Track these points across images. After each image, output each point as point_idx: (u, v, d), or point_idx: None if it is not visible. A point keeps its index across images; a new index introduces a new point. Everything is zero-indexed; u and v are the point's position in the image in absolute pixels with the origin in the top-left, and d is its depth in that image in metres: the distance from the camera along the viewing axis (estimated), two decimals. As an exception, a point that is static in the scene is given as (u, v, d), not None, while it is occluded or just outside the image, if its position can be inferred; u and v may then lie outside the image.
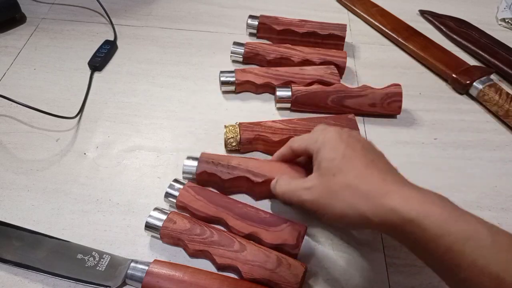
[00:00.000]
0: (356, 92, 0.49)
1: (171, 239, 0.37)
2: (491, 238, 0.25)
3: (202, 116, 0.50)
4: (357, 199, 0.30)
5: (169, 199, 0.39)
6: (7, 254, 0.36)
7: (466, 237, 0.25)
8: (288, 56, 0.54)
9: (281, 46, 0.55)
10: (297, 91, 0.49)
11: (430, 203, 0.27)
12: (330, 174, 0.32)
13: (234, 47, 0.55)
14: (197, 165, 0.41)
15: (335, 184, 0.31)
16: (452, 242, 0.25)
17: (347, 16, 0.66)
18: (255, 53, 0.54)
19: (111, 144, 0.46)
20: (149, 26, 0.61)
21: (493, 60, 0.57)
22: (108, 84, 0.53)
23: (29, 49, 0.57)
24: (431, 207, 0.27)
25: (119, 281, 0.34)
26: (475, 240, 0.25)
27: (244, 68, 0.53)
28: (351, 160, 0.32)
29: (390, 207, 0.28)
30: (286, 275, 0.34)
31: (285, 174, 0.38)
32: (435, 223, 0.26)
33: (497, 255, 0.25)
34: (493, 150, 0.48)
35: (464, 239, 0.25)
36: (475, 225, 0.26)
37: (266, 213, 0.38)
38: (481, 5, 0.70)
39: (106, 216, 0.40)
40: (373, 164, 0.32)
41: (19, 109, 0.48)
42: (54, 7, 0.64)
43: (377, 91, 0.49)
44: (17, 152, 0.45)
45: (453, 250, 0.25)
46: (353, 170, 0.31)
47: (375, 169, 0.31)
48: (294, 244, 0.36)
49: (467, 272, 0.25)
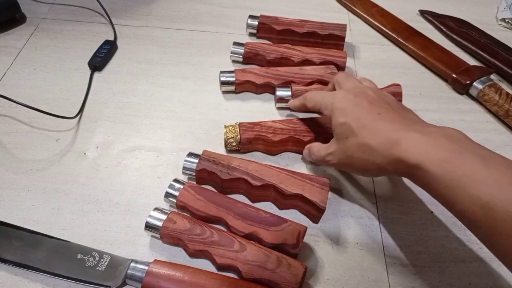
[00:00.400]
0: None
1: (171, 239, 0.37)
2: (486, 173, 0.27)
3: (202, 116, 0.50)
4: (371, 155, 0.33)
5: (169, 199, 0.40)
6: (7, 254, 0.36)
7: (460, 175, 0.28)
8: (288, 56, 0.54)
9: (281, 46, 0.55)
10: (297, 90, 0.49)
11: (432, 146, 0.30)
12: (344, 138, 0.36)
13: (234, 47, 0.55)
14: (197, 162, 0.41)
15: (350, 147, 0.35)
16: (450, 179, 0.28)
17: (347, 16, 0.66)
18: (255, 53, 0.54)
19: (111, 144, 0.46)
20: (149, 26, 0.61)
21: (493, 60, 0.57)
22: (108, 84, 0.53)
23: (29, 49, 0.57)
24: (432, 149, 0.30)
25: (119, 281, 0.34)
26: (469, 176, 0.28)
27: (244, 68, 0.53)
28: (359, 120, 0.35)
29: (398, 156, 0.31)
30: (286, 275, 0.34)
31: (312, 146, 0.42)
32: (435, 164, 0.29)
33: (488, 186, 0.27)
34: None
35: (459, 176, 0.28)
36: (471, 161, 0.28)
37: (266, 213, 0.38)
38: (481, 5, 0.70)
39: (106, 216, 0.40)
40: (380, 117, 0.34)
41: (19, 109, 0.48)
42: (54, 7, 0.64)
43: None
44: (17, 152, 0.45)
45: (450, 187, 0.28)
46: (362, 129, 0.34)
47: (382, 122, 0.34)
48: (294, 244, 0.36)
49: (462, 205, 0.28)
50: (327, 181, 0.39)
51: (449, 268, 0.38)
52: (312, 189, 0.39)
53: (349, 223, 0.41)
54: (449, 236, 0.40)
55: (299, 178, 0.40)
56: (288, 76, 0.51)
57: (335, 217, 0.41)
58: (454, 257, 0.39)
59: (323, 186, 0.39)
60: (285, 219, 0.38)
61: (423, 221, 0.41)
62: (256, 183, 0.39)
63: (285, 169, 0.41)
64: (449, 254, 0.39)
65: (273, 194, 0.41)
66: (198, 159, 0.41)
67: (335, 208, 0.42)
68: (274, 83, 0.51)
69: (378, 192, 0.44)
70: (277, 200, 0.41)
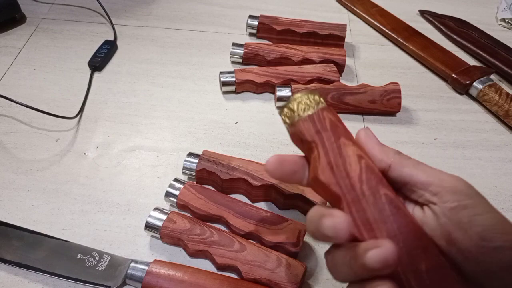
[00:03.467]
0: (355, 89, 0.49)
1: (171, 239, 0.37)
2: None
3: (202, 116, 0.50)
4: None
5: (170, 198, 0.40)
6: (7, 254, 0.36)
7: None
8: (288, 55, 0.54)
9: (281, 46, 0.55)
10: (296, 89, 0.49)
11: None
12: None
13: (233, 48, 0.55)
14: (197, 162, 0.41)
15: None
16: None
17: (347, 16, 0.66)
18: (255, 54, 0.54)
19: (111, 144, 0.46)
20: (149, 26, 0.61)
21: (493, 60, 0.57)
22: (108, 84, 0.53)
23: (29, 49, 0.57)
24: None
25: (119, 281, 0.34)
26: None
27: (243, 68, 0.53)
28: None
29: None
30: (286, 275, 0.34)
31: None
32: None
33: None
34: (493, 150, 0.48)
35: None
36: None
37: (266, 212, 0.38)
38: (481, 5, 0.70)
39: (106, 216, 0.40)
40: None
41: (19, 109, 0.48)
42: (54, 7, 0.64)
43: (376, 88, 0.49)
44: (17, 152, 0.45)
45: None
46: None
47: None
48: (295, 242, 0.36)
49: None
50: None
51: (449, 268, 0.38)
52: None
53: (349, 223, 0.41)
54: (449, 236, 0.40)
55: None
56: (288, 75, 0.51)
57: (335, 217, 0.41)
58: (454, 257, 0.39)
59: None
60: (286, 218, 0.38)
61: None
62: (256, 183, 0.39)
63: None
64: (449, 254, 0.39)
65: (273, 194, 0.41)
66: (198, 159, 0.41)
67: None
68: (274, 82, 0.51)
69: (378, 192, 0.44)
70: (277, 200, 0.41)
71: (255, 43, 0.56)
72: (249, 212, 0.38)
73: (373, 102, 0.49)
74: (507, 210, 0.43)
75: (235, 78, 0.51)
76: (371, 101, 0.49)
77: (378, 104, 0.49)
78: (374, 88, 0.49)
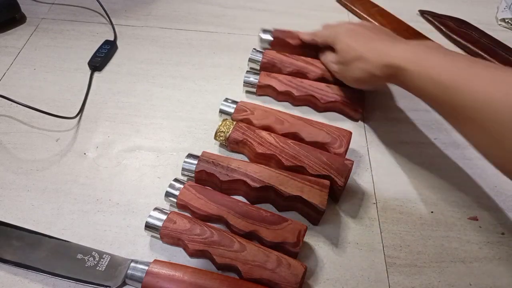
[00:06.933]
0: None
1: (171, 239, 0.37)
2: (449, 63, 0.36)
3: (202, 116, 0.50)
4: (366, 65, 0.42)
5: (170, 198, 0.40)
6: (7, 254, 0.36)
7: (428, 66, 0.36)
8: (305, 71, 0.52)
9: (299, 59, 0.52)
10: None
11: (411, 51, 0.39)
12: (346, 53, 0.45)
13: (253, 53, 0.53)
14: (196, 163, 0.41)
15: (351, 60, 0.44)
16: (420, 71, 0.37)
17: (347, 16, 0.66)
18: (272, 64, 0.53)
19: (111, 144, 0.46)
20: (149, 26, 0.61)
21: (493, 60, 0.57)
22: (108, 84, 0.53)
23: (29, 49, 0.57)
24: (411, 53, 0.39)
25: (119, 281, 0.35)
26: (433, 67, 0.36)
27: (270, 73, 0.52)
28: (357, 41, 0.44)
29: (387, 61, 0.40)
30: (286, 275, 0.34)
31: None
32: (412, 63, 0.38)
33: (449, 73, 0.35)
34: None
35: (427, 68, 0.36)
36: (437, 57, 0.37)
37: (266, 212, 0.38)
38: (481, 5, 0.70)
39: (106, 216, 0.40)
40: (373, 39, 0.44)
41: (19, 109, 0.48)
42: (54, 7, 0.64)
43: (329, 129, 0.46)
44: (17, 152, 0.45)
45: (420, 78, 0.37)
46: (360, 46, 0.44)
47: (377, 41, 0.43)
48: (295, 242, 0.36)
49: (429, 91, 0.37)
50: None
51: (449, 268, 0.38)
52: (312, 190, 0.39)
53: (349, 223, 0.41)
54: (449, 236, 0.40)
55: (298, 179, 0.40)
56: (310, 90, 0.50)
57: (335, 217, 0.41)
58: (454, 257, 0.39)
59: (322, 188, 0.39)
60: (286, 218, 0.38)
61: (423, 221, 0.41)
62: (255, 185, 0.39)
63: (284, 171, 0.41)
64: (449, 254, 0.39)
65: (272, 196, 0.40)
66: (197, 160, 0.41)
67: (335, 208, 0.42)
68: (295, 94, 0.50)
69: (378, 192, 0.44)
70: (276, 202, 0.41)
71: (274, 53, 0.53)
72: (249, 212, 0.38)
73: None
74: (507, 210, 0.43)
75: (258, 80, 0.51)
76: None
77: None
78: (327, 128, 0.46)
